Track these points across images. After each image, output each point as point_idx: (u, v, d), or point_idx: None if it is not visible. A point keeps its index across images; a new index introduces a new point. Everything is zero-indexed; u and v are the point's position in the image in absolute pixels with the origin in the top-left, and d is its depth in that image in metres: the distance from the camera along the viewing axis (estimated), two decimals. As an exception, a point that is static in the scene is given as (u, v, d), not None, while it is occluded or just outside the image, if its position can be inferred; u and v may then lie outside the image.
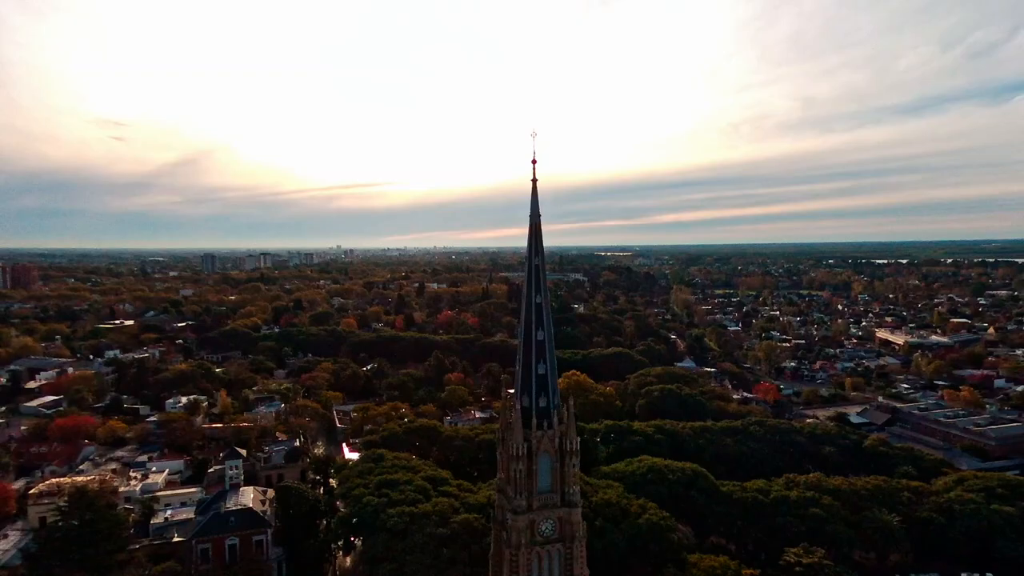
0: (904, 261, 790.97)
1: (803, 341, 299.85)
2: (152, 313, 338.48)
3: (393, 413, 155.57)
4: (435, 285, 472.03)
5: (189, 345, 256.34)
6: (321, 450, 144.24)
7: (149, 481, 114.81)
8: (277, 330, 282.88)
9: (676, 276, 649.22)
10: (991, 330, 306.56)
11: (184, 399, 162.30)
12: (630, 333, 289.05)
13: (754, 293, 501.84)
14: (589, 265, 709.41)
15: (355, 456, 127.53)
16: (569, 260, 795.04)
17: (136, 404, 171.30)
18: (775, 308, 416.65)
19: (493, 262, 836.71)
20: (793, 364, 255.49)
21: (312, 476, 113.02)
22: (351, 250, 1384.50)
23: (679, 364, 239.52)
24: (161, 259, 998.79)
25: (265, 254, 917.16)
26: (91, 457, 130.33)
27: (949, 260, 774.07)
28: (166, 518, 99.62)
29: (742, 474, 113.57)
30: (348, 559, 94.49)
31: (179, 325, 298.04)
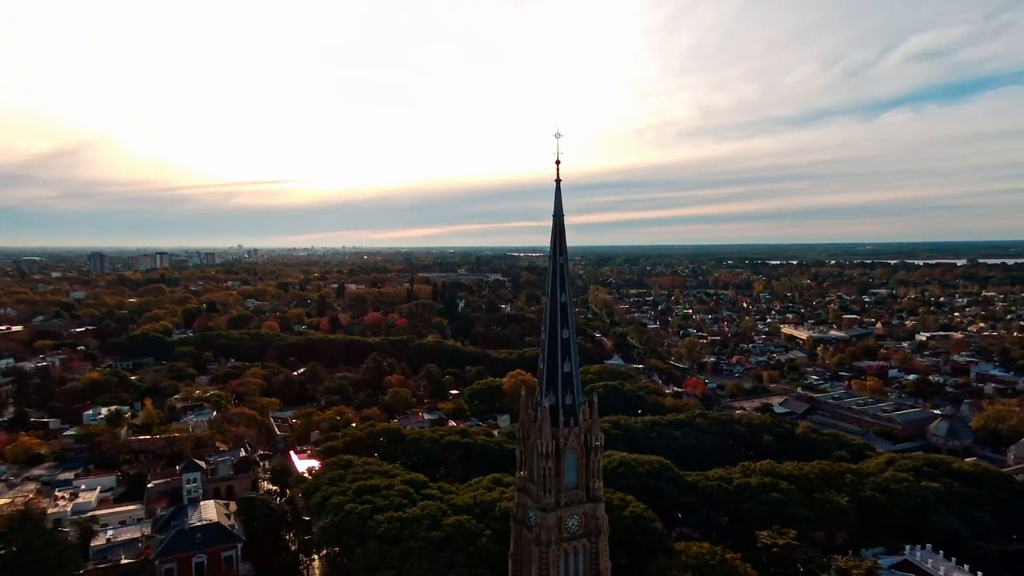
0: (795, 262, 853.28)
1: (718, 337, 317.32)
2: (41, 318, 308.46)
3: (338, 418, 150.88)
4: (354, 286, 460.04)
5: (92, 352, 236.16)
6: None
7: (81, 500, 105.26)
8: (191, 334, 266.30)
9: (591, 276, 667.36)
10: (879, 325, 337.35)
11: (104, 410, 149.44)
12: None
13: (666, 292, 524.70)
14: (507, 265, 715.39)
15: (307, 464, 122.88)
16: (486, 260, 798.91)
17: (44, 417, 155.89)
18: (688, 307, 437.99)
19: (408, 262, 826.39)
20: (713, 359, 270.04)
21: (269, 486, 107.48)
22: (255, 250, 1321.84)
23: (608, 362, 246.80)
24: (38, 258, 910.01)
25: (161, 253, 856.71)
26: (3, 477, 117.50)
27: (833, 262, 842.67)
28: (108, 539, 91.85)
29: (693, 464, 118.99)
30: (318, 571, 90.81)
31: (77, 330, 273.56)
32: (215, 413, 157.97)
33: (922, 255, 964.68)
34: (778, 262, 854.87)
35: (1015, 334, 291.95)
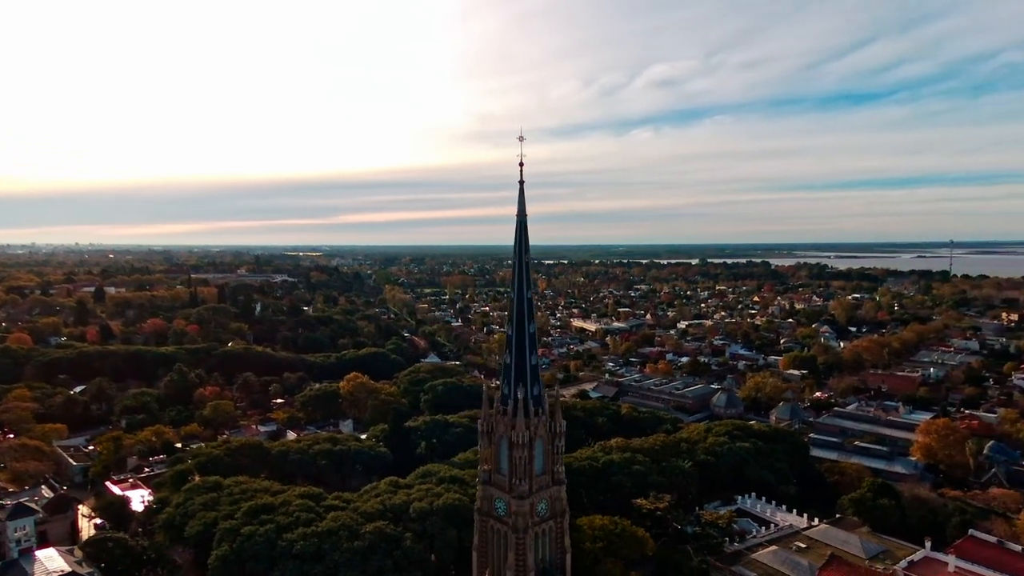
0: (565, 261, 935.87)
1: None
2: None
3: (154, 439, 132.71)
4: (114, 289, 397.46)
5: None
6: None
7: None
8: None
9: (382, 276, 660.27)
10: (648, 316, 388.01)
11: None
12: (370, 333, 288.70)
13: (460, 291, 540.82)
14: (291, 265, 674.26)
15: (135, 494, 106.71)
16: (266, 260, 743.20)
17: None
18: (484, 304, 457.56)
19: (170, 262, 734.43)
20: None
21: (101, 523, 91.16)
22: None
23: (425, 360, 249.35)
24: None
25: None
26: None
27: (597, 261, 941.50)
28: None
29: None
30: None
31: None
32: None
33: (664, 255, 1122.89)
34: (552, 262, 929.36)
35: (748, 320, 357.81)
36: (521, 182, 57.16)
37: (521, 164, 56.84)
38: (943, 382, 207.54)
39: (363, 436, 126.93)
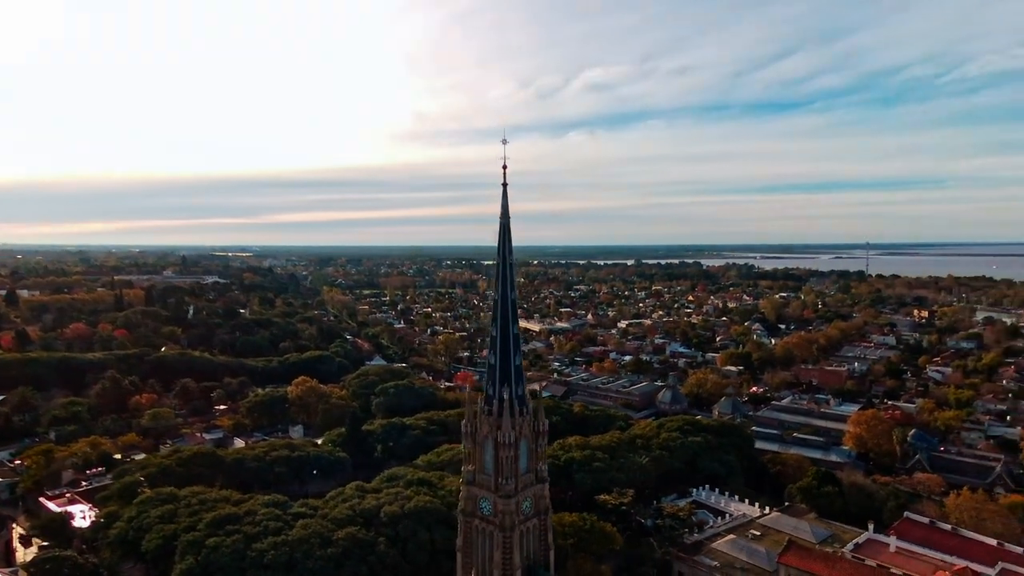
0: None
1: (464, 333, 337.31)
2: None
3: (91, 451, 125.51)
4: (27, 292, 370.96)
5: None
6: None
7: None
8: None
9: (318, 278, 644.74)
10: (590, 316, 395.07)
11: None
12: (311, 336, 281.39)
13: (400, 292, 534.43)
14: (221, 266, 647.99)
15: (75, 509, 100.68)
16: (193, 261, 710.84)
17: None
18: (426, 305, 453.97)
19: (87, 263, 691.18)
20: (467, 354, 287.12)
21: (39, 544, 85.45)
22: None
23: (370, 363, 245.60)
24: None
25: None
26: None
27: (536, 262, 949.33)
28: None
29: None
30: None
31: None
32: None
33: (599, 256, 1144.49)
34: (490, 262, 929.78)
35: (684, 319, 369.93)
36: (504, 184, 57.77)
37: (504, 167, 57.44)
38: (867, 375, 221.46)
39: (319, 441, 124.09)
